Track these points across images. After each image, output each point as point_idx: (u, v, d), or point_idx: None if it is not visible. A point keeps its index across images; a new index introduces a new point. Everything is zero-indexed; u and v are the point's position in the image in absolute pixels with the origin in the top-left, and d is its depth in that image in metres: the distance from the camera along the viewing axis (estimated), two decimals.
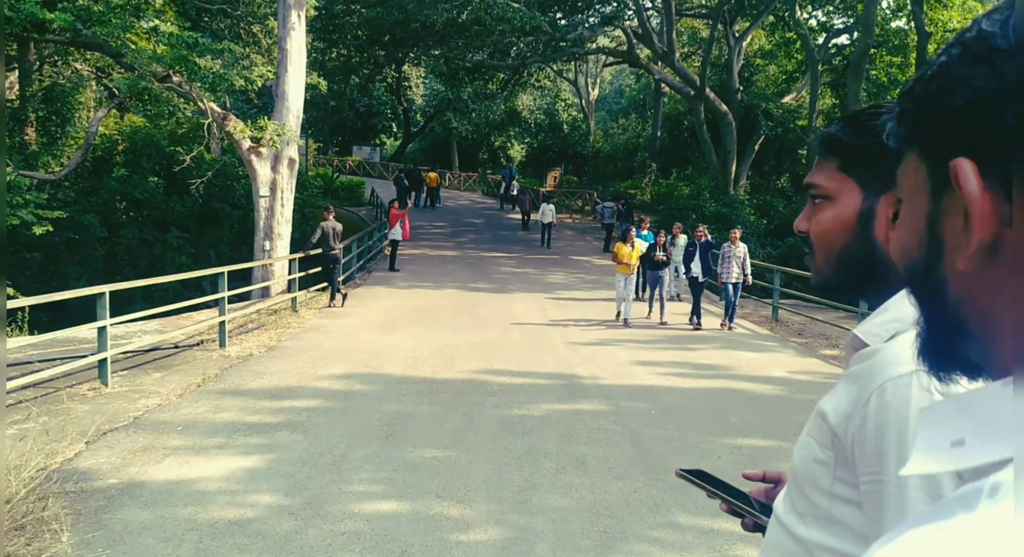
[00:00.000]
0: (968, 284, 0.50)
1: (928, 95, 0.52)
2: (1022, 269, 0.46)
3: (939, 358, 0.54)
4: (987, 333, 0.50)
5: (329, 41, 26.17)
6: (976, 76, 0.48)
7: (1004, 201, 0.46)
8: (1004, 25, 0.47)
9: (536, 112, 47.50)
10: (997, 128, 0.46)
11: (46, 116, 20.81)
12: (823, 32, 30.16)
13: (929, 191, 0.52)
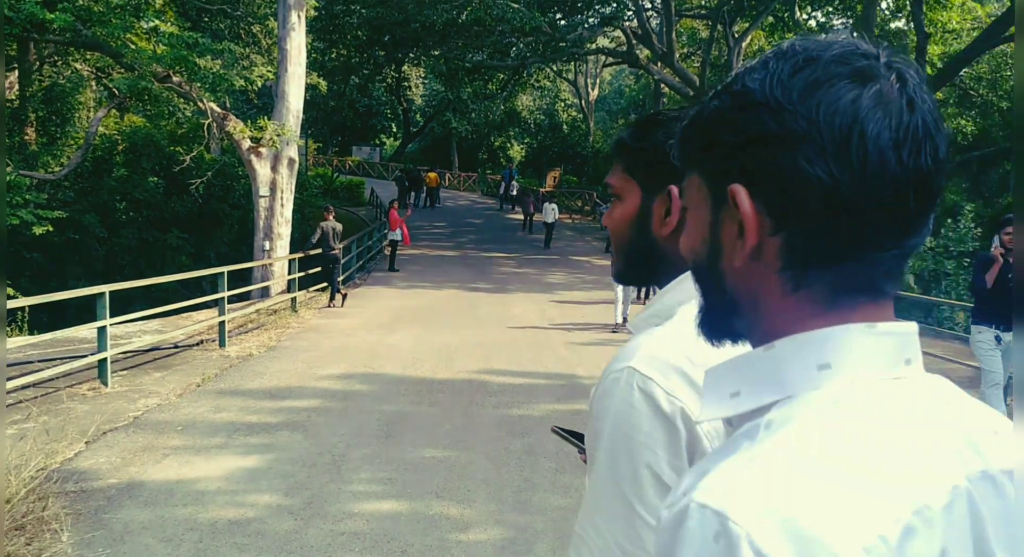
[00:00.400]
0: (740, 277, 0.67)
1: (709, 131, 0.68)
2: (776, 267, 0.64)
3: (715, 330, 0.72)
4: (752, 313, 0.68)
5: (329, 41, 26.18)
6: (746, 121, 0.64)
7: (766, 216, 0.63)
8: (762, 83, 0.64)
9: (536, 112, 47.53)
10: (761, 162, 0.63)
11: (46, 116, 20.82)
12: (823, 33, 30.11)
13: (710, 205, 0.68)
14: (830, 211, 0.62)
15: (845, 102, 0.62)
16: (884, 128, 0.61)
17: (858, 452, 0.56)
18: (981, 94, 25.78)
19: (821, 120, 0.61)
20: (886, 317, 0.66)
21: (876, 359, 0.64)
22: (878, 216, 0.62)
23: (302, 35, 15.38)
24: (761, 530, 0.51)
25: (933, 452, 0.60)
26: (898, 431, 0.60)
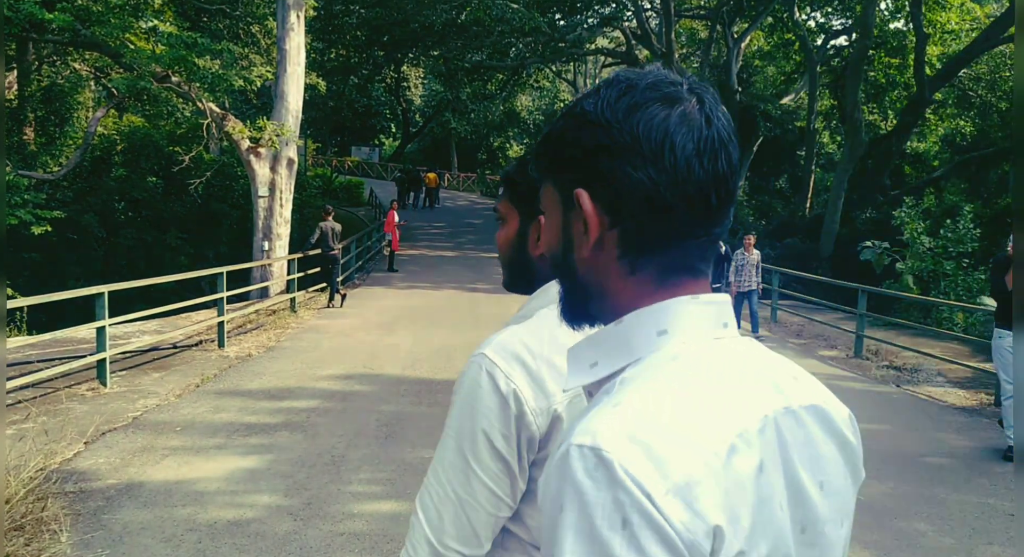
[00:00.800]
0: (588, 266, 0.82)
1: (556, 147, 0.83)
2: (615, 255, 0.80)
3: (574, 315, 0.86)
4: (601, 295, 0.83)
5: (328, 41, 26.17)
6: (584, 137, 0.80)
7: (605, 214, 0.79)
8: (595, 106, 0.80)
9: (535, 113, 47.54)
10: (598, 170, 0.79)
11: (45, 116, 20.80)
12: (822, 33, 30.19)
13: (561, 208, 0.84)
14: (652, 208, 0.78)
15: (658, 120, 0.78)
16: (689, 140, 0.78)
17: (693, 392, 0.73)
18: (980, 95, 25.79)
19: (641, 135, 0.77)
20: (704, 290, 0.83)
21: (702, 323, 0.81)
22: (689, 211, 0.78)
23: (301, 35, 15.37)
24: (627, 455, 0.66)
25: (748, 391, 0.77)
26: (721, 376, 0.77)
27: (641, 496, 0.64)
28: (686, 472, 0.67)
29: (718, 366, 0.78)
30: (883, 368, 10.28)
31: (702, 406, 0.72)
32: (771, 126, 30.31)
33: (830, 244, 23.04)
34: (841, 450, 0.85)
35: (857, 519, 4.03)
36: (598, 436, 0.67)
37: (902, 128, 25.18)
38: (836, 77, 29.42)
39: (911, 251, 16.15)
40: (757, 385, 0.79)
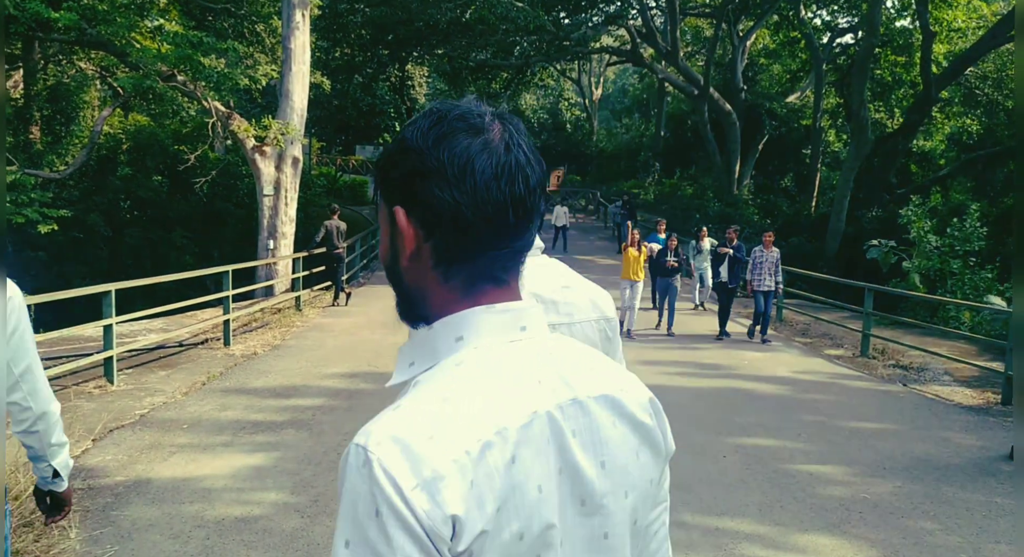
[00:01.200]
0: (410, 274, 0.93)
1: (384, 169, 0.94)
2: (430, 265, 0.91)
3: (407, 316, 0.97)
4: (422, 300, 0.93)
5: (333, 40, 26.19)
6: (403, 162, 0.91)
7: (420, 229, 0.90)
8: (412, 134, 0.91)
9: (539, 111, 47.53)
10: (413, 191, 0.89)
11: (51, 115, 20.87)
12: (827, 31, 30.12)
13: (389, 222, 0.94)
14: (457, 225, 0.88)
15: (461, 147, 0.89)
16: (488, 166, 0.89)
17: (461, 394, 0.84)
18: (986, 93, 25.70)
19: (446, 161, 0.88)
20: (508, 298, 0.94)
21: (495, 330, 0.91)
22: (489, 227, 0.89)
23: (306, 34, 15.38)
24: (385, 453, 0.77)
25: (523, 390, 0.87)
26: (498, 378, 0.87)
27: (391, 490, 0.76)
28: (434, 469, 0.78)
29: (499, 368, 0.89)
30: (890, 367, 10.25)
31: (468, 407, 0.83)
32: (776, 124, 30.27)
33: (836, 243, 22.99)
34: (634, 431, 0.97)
35: (863, 518, 4.01)
36: (369, 436, 0.79)
37: (908, 126, 25.11)
38: (842, 75, 29.35)
39: (918, 250, 16.11)
40: (538, 383, 0.90)
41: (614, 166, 39.07)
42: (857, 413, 7.60)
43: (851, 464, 5.96)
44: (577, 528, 0.93)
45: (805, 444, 6.43)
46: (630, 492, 0.97)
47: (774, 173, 32.93)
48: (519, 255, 0.95)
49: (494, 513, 0.83)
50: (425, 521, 0.78)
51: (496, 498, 0.83)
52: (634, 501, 0.98)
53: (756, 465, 5.82)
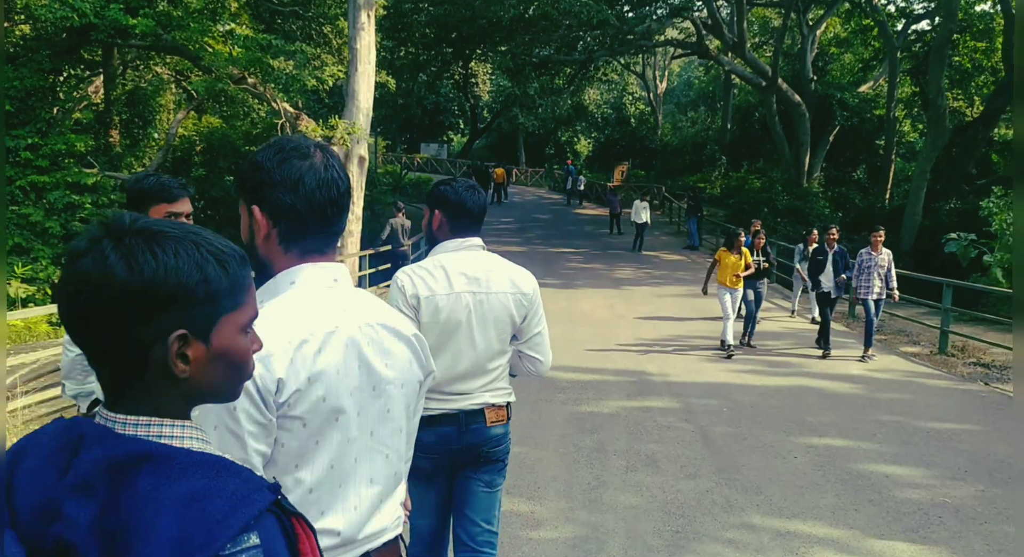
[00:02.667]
0: (263, 249, 1.49)
1: (242, 178, 1.49)
2: (277, 242, 1.48)
3: (262, 277, 1.45)
4: (272, 265, 1.49)
5: (398, 40, 26.46)
6: (255, 176, 1.46)
7: (269, 219, 1.46)
8: (262, 157, 1.47)
9: (603, 106, 47.20)
10: (264, 195, 1.46)
11: (129, 119, 21.61)
12: (902, 18, 29.08)
13: (247, 215, 1.48)
14: (293, 217, 1.46)
15: (295, 167, 1.45)
16: (312, 179, 1.45)
17: (289, 311, 1.41)
18: None
19: (286, 176, 1.45)
20: (326, 261, 1.51)
21: (315, 278, 1.48)
22: (314, 218, 1.47)
23: (371, 34, 15.56)
24: None
25: (333, 313, 1.45)
26: (317, 305, 1.44)
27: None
28: (268, 350, 1.31)
29: (317, 301, 1.46)
30: (970, 365, 9.86)
31: (293, 318, 1.40)
32: (848, 115, 29.35)
33: (912, 236, 22.23)
34: (408, 347, 1.59)
35: (944, 523, 3.86)
36: None
37: (989, 115, 24.08)
38: (918, 63, 28.32)
39: (1000, 243, 15.43)
40: (343, 311, 1.48)
41: (679, 160, 38.49)
42: (936, 413, 7.33)
43: (930, 466, 5.74)
44: (371, 404, 1.50)
45: (880, 445, 6.23)
46: (405, 385, 1.57)
47: (846, 165, 31.95)
48: (335, 236, 1.53)
49: (306, 380, 1.37)
50: (258, 380, 1.32)
51: (308, 372, 1.37)
52: (407, 391, 1.58)
53: (829, 466, 5.66)
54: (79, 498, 0.88)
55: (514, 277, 2.71)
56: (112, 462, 0.90)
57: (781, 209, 25.15)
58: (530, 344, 2.74)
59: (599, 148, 46.07)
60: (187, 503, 0.87)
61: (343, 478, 1.44)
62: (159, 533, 0.85)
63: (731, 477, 5.37)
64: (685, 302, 13.97)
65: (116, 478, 0.89)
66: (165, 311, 0.93)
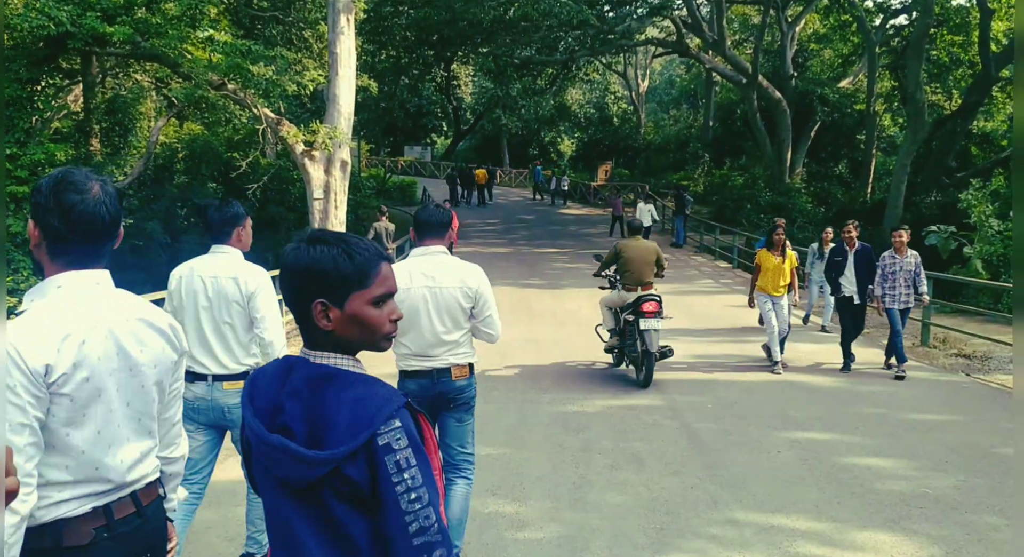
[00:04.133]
0: (35, 255, 1.86)
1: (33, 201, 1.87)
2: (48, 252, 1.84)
3: (39, 276, 1.89)
4: (42, 270, 1.86)
5: (378, 43, 26.42)
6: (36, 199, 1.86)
7: (42, 235, 1.84)
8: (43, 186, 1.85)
9: (586, 106, 47.29)
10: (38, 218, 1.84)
11: (109, 127, 21.46)
12: (880, 13, 29.30)
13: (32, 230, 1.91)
14: (59, 237, 1.80)
15: (68, 200, 1.79)
16: (81, 212, 1.79)
17: (59, 311, 1.77)
18: None
19: (58, 205, 1.78)
20: (84, 268, 1.84)
21: (79, 283, 1.83)
22: (77, 238, 1.81)
23: (351, 38, 15.55)
24: (14, 339, 1.70)
25: (96, 310, 1.82)
26: (78, 303, 1.80)
27: (17, 357, 1.66)
28: (38, 342, 1.70)
29: (82, 300, 1.81)
30: (951, 356, 9.96)
31: (60, 316, 1.75)
32: (828, 110, 29.59)
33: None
34: (160, 336, 1.97)
35: (925, 513, 3.90)
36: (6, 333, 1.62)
37: (967, 108, 24.31)
38: (896, 57, 28.56)
39: (979, 235, 15.59)
40: (108, 306, 1.86)
41: (662, 158, 38.63)
42: (918, 405, 7.40)
43: (912, 458, 5.80)
44: (128, 382, 1.88)
45: (863, 438, 6.28)
46: (158, 366, 1.96)
47: (827, 160, 32.19)
48: (100, 254, 1.87)
49: (72, 366, 1.73)
50: (30, 364, 1.67)
51: (73, 359, 1.73)
52: (159, 371, 1.97)
53: (812, 460, 5.71)
54: (292, 400, 1.50)
55: (463, 274, 3.68)
56: (310, 378, 1.52)
57: (764, 205, 25.29)
58: (483, 322, 3.74)
59: (582, 148, 46.17)
60: (355, 402, 1.47)
61: (111, 440, 1.85)
62: (340, 420, 1.45)
63: (715, 473, 5.40)
64: (670, 300, 13.98)
65: (313, 388, 1.50)
66: (314, 286, 1.52)
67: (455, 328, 3.66)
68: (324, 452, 1.43)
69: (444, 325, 3.63)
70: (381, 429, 1.44)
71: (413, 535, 1.44)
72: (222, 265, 3.60)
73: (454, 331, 3.65)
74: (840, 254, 9.05)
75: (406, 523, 1.44)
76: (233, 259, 3.62)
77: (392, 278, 1.60)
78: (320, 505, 1.48)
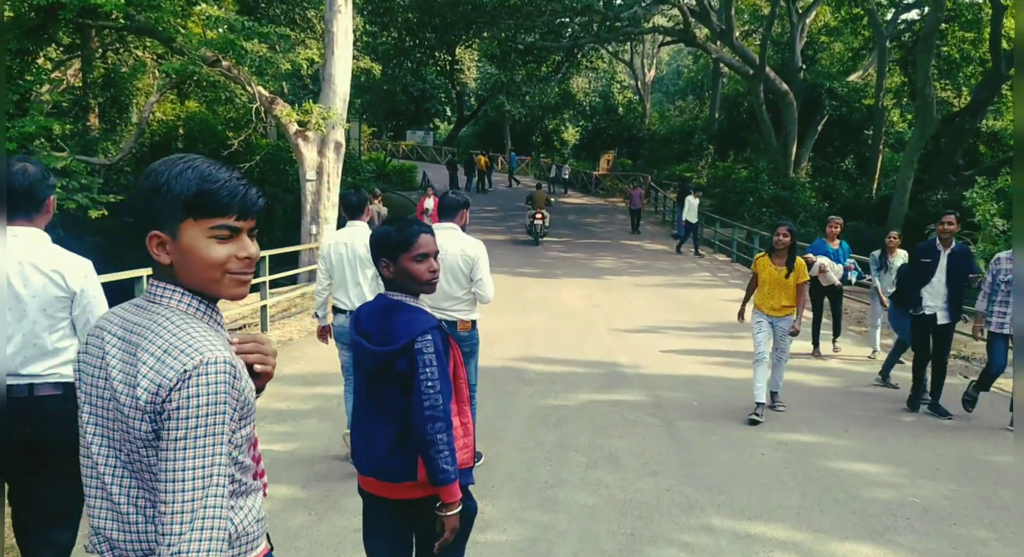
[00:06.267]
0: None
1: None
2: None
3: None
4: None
5: (380, 24, 26.07)
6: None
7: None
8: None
9: (591, 94, 46.84)
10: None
11: (106, 102, 21.17)
12: (892, 7, 28.87)
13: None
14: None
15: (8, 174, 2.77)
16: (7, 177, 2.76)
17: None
18: None
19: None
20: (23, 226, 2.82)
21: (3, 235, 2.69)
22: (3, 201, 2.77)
23: (348, 17, 15.24)
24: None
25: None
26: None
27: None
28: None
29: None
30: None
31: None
32: (837, 104, 29.19)
33: (898, 227, 22.01)
34: (44, 276, 2.70)
35: (911, 524, 3.62)
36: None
37: (976, 105, 23.94)
38: (906, 53, 28.14)
39: (983, 234, 15.30)
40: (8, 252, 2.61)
41: (666, 149, 38.22)
42: None
43: (900, 464, 5.56)
44: (15, 307, 2.66)
45: (852, 441, 6.04)
46: (38, 296, 2.68)
47: (834, 155, 31.79)
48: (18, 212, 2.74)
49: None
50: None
51: None
52: (41, 301, 2.69)
53: (796, 463, 5.47)
54: (372, 319, 2.50)
55: (464, 246, 4.76)
56: (384, 306, 2.52)
57: (766, 199, 24.97)
58: (477, 285, 4.77)
59: (586, 136, 45.76)
60: (406, 322, 2.41)
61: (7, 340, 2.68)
62: (396, 331, 2.40)
63: (694, 474, 5.17)
64: (665, 292, 13.80)
65: (384, 312, 2.49)
66: (377, 250, 2.52)
67: (459, 287, 4.76)
68: (383, 348, 2.42)
69: (449, 284, 4.72)
70: (418, 339, 2.39)
71: (426, 408, 2.36)
72: (356, 235, 5.03)
73: (458, 290, 4.76)
74: (929, 254, 6.78)
75: (422, 399, 2.36)
76: (362, 230, 5.06)
77: (429, 244, 2.54)
78: (380, 385, 2.48)
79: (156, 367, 1.34)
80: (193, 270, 1.43)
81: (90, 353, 1.49)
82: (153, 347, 1.36)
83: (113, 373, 1.41)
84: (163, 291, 1.45)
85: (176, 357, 1.34)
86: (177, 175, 1.40)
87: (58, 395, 2.73)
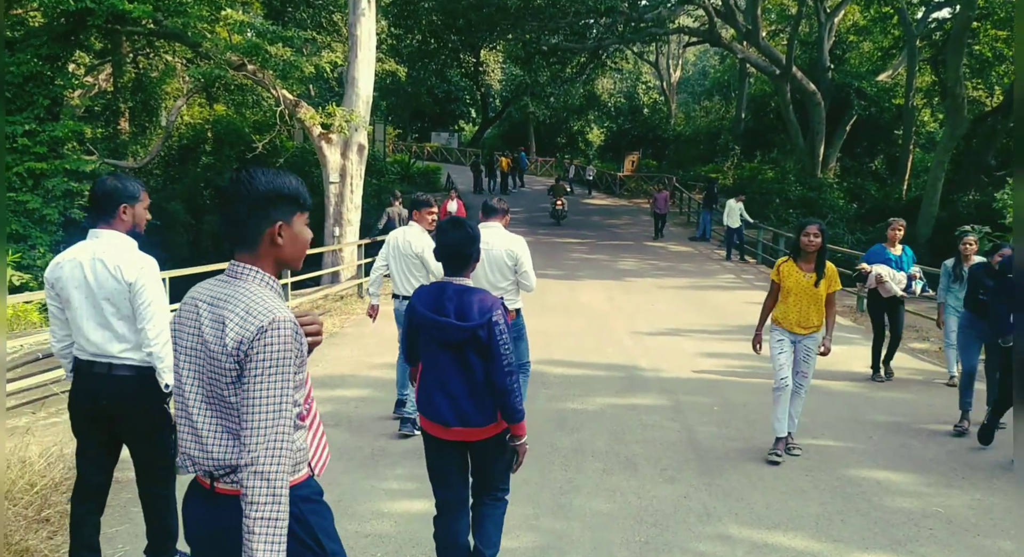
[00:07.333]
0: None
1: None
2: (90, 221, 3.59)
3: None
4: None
5: (405, 27, 26.16)
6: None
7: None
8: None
9: (616, 95, 46.63)
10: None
11: (136, 106, 21.47)
12: (922, 5, 28.41)
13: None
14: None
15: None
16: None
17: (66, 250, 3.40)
18: None
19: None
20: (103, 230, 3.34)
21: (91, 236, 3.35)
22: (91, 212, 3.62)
23: (372, 21, 15.33)
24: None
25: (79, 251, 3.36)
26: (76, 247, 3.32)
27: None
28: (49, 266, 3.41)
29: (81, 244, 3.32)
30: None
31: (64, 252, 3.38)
32: (865, 104, 28.79)
33: (928, 228, 21.73)
34: (108, 270, 3.22)
35: (934, 535, 3.53)
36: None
37: (1009, 104, 23.46)
38: (937, 51, 27.68)
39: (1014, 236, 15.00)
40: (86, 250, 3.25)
41: (692, 150, 37.93)
42: (938, 414, 7.01)
43: (925, 472, 5.45)
44: (86, 295, 3.24)
45: (875, 447, 5.93)
46: (103, 287, 3.21)
47: (863, 155, 31.35)
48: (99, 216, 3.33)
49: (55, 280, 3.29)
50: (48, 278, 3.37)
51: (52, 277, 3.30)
52: (106, 291, 3.22)
53: (817, 471, 5.38)
54: (450, 301, 3.16)
55: (507, 242, 5.41)
56: (457, 289, 3.19)
57: (793, 200, 24.69)
58: (521, 275, 5.45)
59: (611, 137, 45.58)
60: (480, 301, 3.14)
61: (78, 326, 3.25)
62: (473, 309, 3.11)
63: (712, 482, 5.10)
64: (687, 295, 13.67)
65: (459, 294, 3.17)
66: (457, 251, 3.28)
67: (503, 278, 5.38)
68: (470, 323, 3.07)
69: (494, 275, 5.36)
70: (493, 314, 3.08)
71: (504, 366, 3.08)
72: (411, 234, 6.08)
73: (502, 281, 5.38)
74: (990, 275, 6.14)
75: (502, 360, 3.07)
76: (418, 230, 6.13)
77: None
78: (462, 354, 3.13)
79: (241, 323, 1.83)
80: (298, 248, 2.01)
81: (185, 314, 1.98)
82: (239, 308, 1.85)
83: (205, 328, 1.89)
84: (245, 270, 1.94)
85: (256, 316, 1.82)
86: (285, 180, 1.95)
87: (131, 376, 3.27)
